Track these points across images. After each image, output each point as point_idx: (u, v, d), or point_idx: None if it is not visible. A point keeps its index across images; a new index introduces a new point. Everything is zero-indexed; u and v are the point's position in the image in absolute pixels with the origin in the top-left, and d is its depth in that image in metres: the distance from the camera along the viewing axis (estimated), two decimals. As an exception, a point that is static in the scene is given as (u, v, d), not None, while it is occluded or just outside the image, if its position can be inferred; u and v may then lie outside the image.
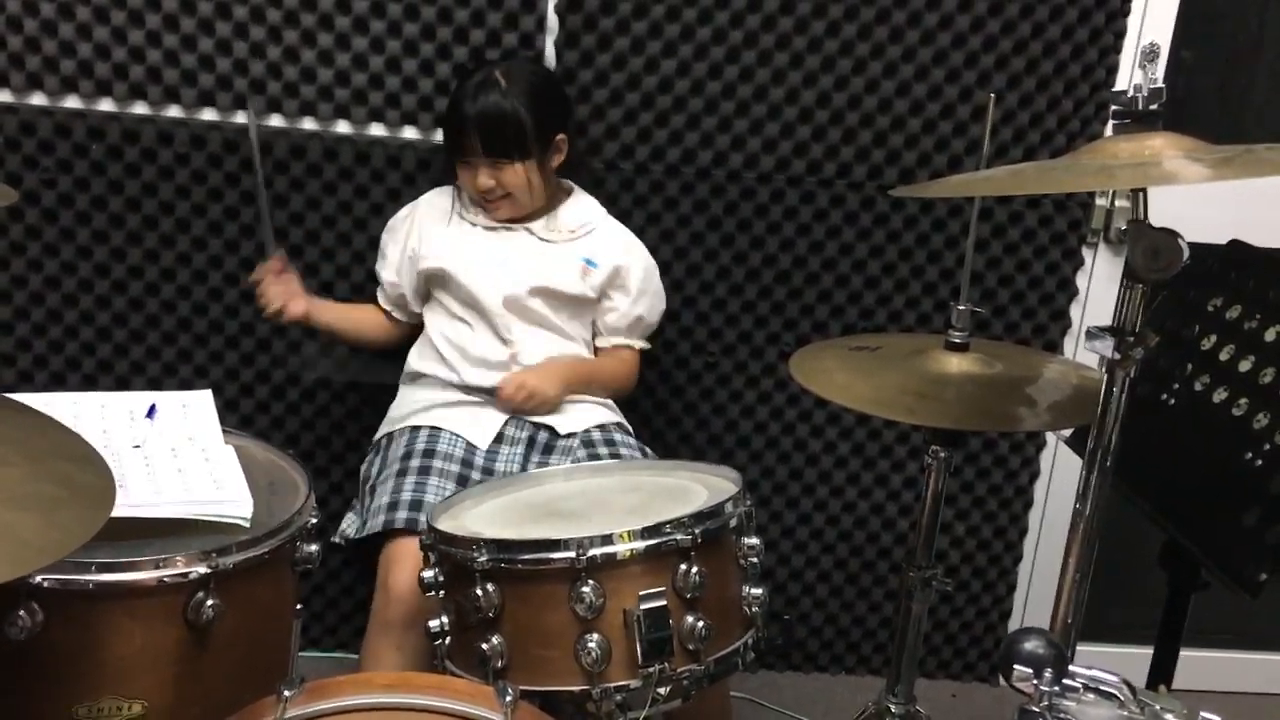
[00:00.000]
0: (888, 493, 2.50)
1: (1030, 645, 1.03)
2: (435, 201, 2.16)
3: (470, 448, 1.97)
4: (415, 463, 1.92)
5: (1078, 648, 1.59)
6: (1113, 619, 2.59)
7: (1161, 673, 1.77)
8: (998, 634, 2.61)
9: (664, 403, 2.41)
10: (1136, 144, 1.16)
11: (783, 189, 2.29)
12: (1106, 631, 2.59)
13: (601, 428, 2.07)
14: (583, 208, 2.16)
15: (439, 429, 2.00)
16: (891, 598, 2.56)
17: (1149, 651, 1.76)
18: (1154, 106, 1.17)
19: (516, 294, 2.05)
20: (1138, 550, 1.83)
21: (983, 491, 2.52)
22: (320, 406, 2.35)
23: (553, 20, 2.18)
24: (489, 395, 2.03)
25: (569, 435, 2.04)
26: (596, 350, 2.18)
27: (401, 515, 1.80)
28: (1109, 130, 1.85)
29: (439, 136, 2.20)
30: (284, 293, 2.07)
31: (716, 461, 2.37)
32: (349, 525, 1.98)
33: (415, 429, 2.02)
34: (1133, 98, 1.18)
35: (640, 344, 2.20)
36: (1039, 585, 2.59)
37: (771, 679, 2.55)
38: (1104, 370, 1.23)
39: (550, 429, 2.04)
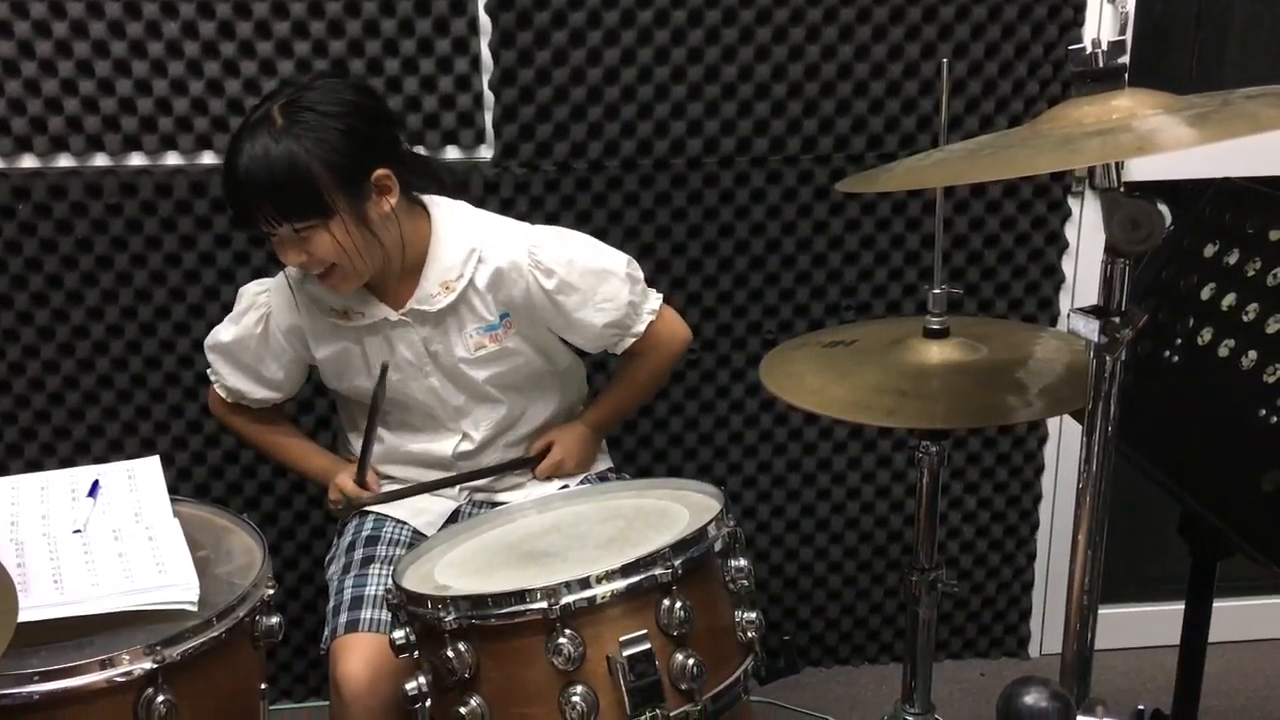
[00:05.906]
0: (876, 489, 2.40)
1: (1032, 699, 0.91)
2: (285, 295, 1.76)
3: (418, 535, 1.79)
4: (358, 554, 1.74)
5: (1110, 610, 1.45)
6: (1145, 573, 2.50)
7: (1196, 631, 1.68)
8: (1021, 606, 2.50)
9: (646, 408, 2.30)
10: (1101, 106, 1.04)
11: (747, 171, 2.17)
12: (1139, 590, 2.50)
13: (584, 482, 1.86)
14: (452, 236, 1.70)
15: (385, 517, 1.82)
16: (893, 594, 2.47)
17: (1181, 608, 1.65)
18: (1117, 61, 1.05)
19: (466, 390, 1.78)
20: (1161, 506, 1.72)
21: (987, 489, 2.43)
22: (277, 467, 2.22)
23: (485, 21, 2.06)
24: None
25: None
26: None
27: (343, 620, 1.63)
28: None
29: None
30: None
31: (696, 471, 2.32)
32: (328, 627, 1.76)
33: (364, 514, 1.83)
34: (1091, 54, 1.06)
35: (651, 305, 1.79)
36: (1059, 548, 2.48)
37: (792, 678, 2.44)
38: (1091, 356, 1.11)
39: None
